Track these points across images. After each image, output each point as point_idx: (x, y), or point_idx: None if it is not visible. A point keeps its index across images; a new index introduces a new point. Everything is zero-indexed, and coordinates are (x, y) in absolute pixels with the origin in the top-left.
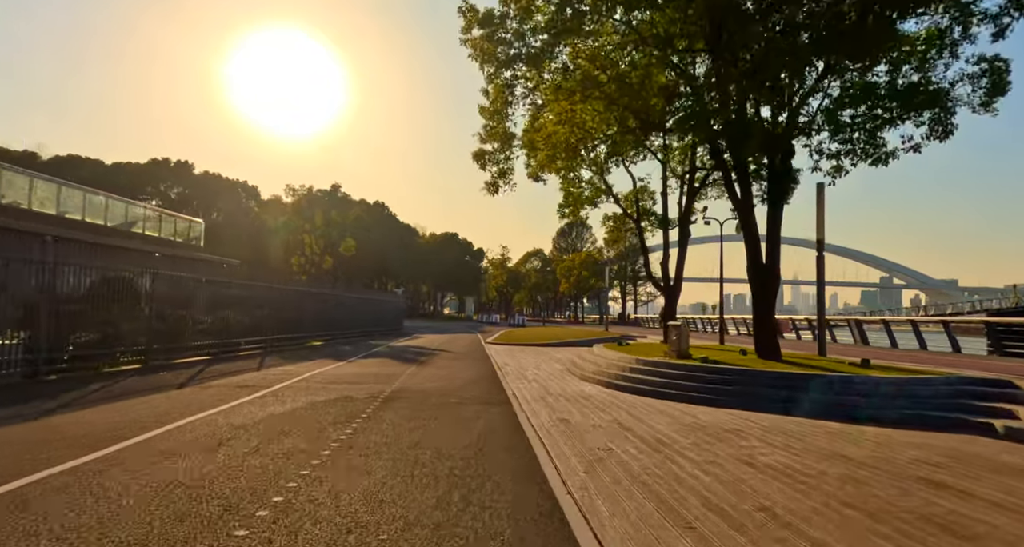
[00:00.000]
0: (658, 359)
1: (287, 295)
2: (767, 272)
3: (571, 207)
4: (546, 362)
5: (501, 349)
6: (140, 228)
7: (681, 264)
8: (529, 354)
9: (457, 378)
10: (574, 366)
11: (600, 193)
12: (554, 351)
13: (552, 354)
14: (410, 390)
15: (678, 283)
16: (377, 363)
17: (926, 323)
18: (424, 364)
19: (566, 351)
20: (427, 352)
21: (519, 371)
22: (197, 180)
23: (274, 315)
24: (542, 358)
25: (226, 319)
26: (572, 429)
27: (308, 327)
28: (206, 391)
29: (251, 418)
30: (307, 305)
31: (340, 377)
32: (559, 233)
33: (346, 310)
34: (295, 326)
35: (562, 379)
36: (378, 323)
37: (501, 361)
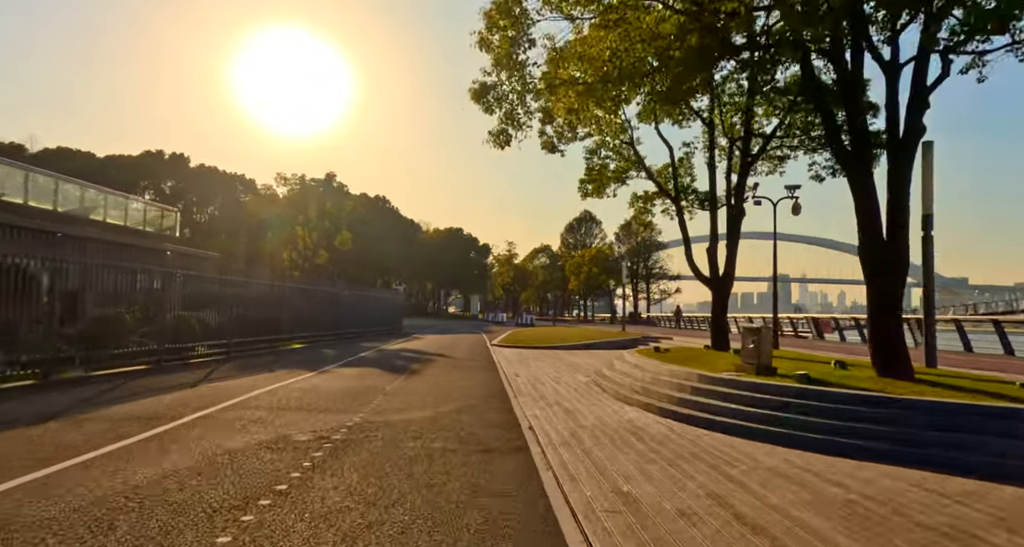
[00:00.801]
0: (730, 375)
1: (262, 291)
2: (893, 254)
3: (595, 182)
4: (566, 371)
5: (510, 353)
6: (100, 215)
7: (733, 252)
8: (543, 360)
9: (452, 398)
10: (603, 378)
11: (630, 165)
12: (571, 356)
13: (570, 360)
14: (382, 422)
15: (728, 275)
16: (356, 374)
17: (974, 322)
18: (414, 375)
19: (586, 356)
20: (422, 357)
21: (534, 385)
22: (193, 174)
23: (247, 314)
24: (560, 365)
25: (182, 319)
26: (652, 528)
27: (288, 327)
28: (76, 429)
29: (68, 501)
30: (288, 303)
31: (296, 398)
32: (567, 229)
33: (335, 308)
34: (271, 326)
35: (593, 398)
36: (373, 323)
37: (511, 370)
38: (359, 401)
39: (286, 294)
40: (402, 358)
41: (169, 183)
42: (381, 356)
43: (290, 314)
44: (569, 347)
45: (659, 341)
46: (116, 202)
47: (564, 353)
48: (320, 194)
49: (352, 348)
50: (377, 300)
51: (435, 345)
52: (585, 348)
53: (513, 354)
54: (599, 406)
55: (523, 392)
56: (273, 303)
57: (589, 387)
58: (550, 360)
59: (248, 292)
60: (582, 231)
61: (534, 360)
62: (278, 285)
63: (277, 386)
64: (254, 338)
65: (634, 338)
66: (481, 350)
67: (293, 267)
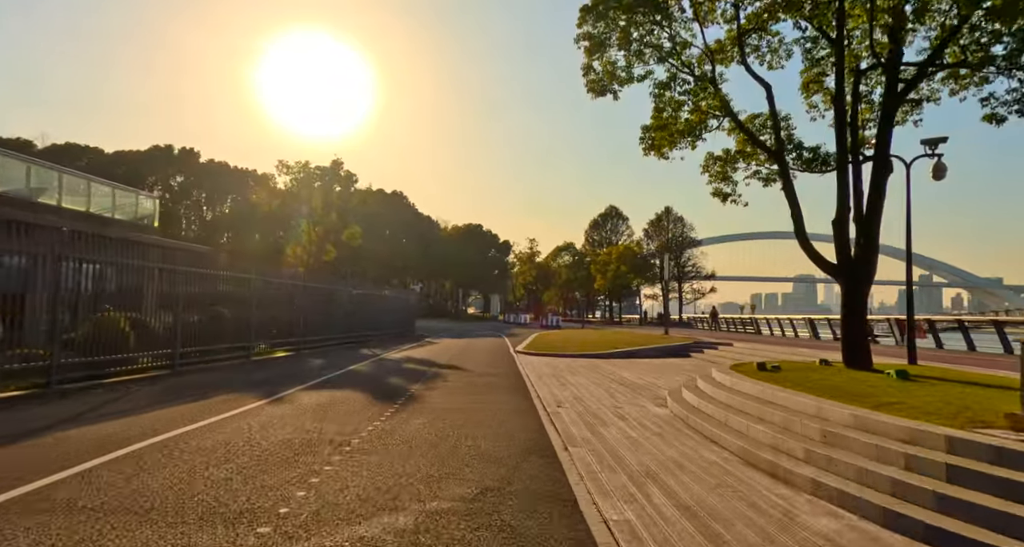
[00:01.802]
0: None
1: (237, 287)
2: None
3: (661, 132)
4: (624, 395)
5: (539, 364)
6: (55, 199)
7: (875, 224)
8: (583, 373)
9: (458, 464)
10: (693, 412)
11: (711, 111)
12: (615, 367)
13: (617, 373)
14: None
15: (867, 258)
16: (323, 404)
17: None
18: (408, 405)
19: (635, 367)
20: (428, 372)
21: (589, 425)
22: (203, 169)
23: (216, 314)
24: (610, 384)
25: (107, 323)
26: None
27: (270, 330)
28: None
29: None
30: (272, 301)
31: (192, 461)
32: (592, 225)
33: (334, 308)
34: (239, 331)
35: (706, 464)
36: (381, 325)
37: (546, 392)
38: (275, 481)
39: (273, 291)
40: (402, 373)
41: (179, 179)
42: (377, 369)
43: (274, 314)
44: (608, 355)
45: (716, 347)
46: (74, 184)
47: (605, 364)
48: (326, 184)
49: (347, 357)
50: (386, 300)
51: (448, 352)
52: (627, 356)
53: (543, 365)
54: (735, 488)
55: (577, 442)
56: (254, 301)
57: (679, 431)
58: (592, 374)
59: (219, 288)
60: (608, 227)
61: (571, 374)
62: (258, 279)
63: (188, 429)
64: (220, 345)
65: (684, 344)
66: (503, 359)
67: (298, 264)
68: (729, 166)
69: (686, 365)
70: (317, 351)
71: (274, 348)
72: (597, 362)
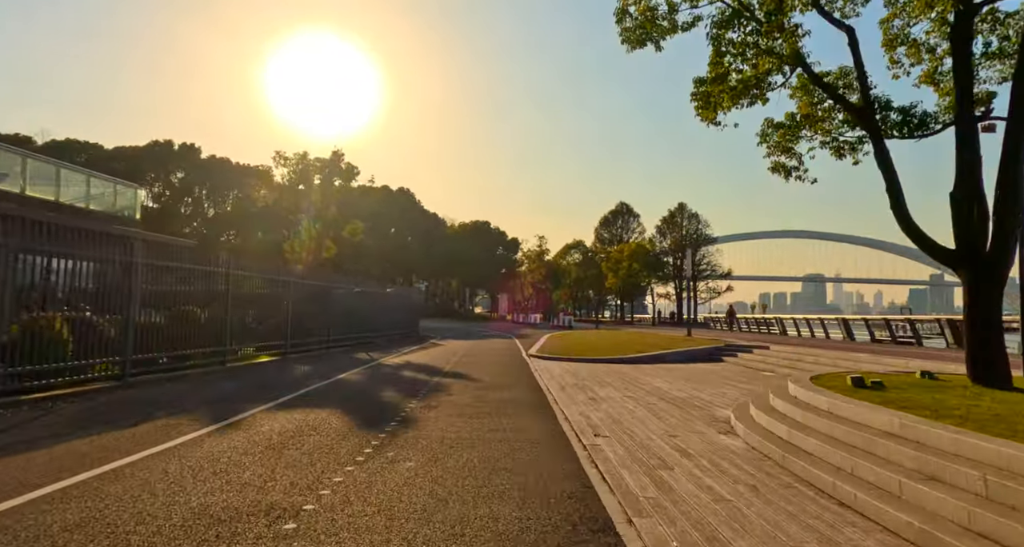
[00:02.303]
0: None
1: (211, 283)
2: None
3: (719, 84)
4: (672, 415)
5: (558, 370)
6: (18, 186)
7: (1014, 198)
8: (612, 383)
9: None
10: (800, 454)
11: (782, 62)
12: (646, 375)
13: (652, 383)
14: None
15: (1004, 244)
16: (290, 432)
17: None
18: (401, 432)
19: (668, 375)
20: (429, 382)
21: (647, 467)
22: (204, 165)
23: (184, 314)
24: (648, 399)
25: (39, 326)
26: None
27: (250, 333)
28: None
29: None
30: (249, 299)
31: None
32: (602, 223)
33: (328, 308)
34: (214, 333)
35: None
36: (382, 326)
37: (575, 412)
38: None
39: (257, 288)
40: (398, 384)
41: (179, 175)
42: (369, 379)
43: (260, 314)
44: (633, 360)
45: (751, 350)
46: (42, 171)
47: (632, 370)
48: (325, 177)
49: (339, 363)
50: (388, 298)
51: (454, 356)
52: (654, 361)
53: (563, 372)
54: None
55: (641, 505)
56: (229, 299)
57: (783, 484)
58: (623, 384)
59: (195, 286)
60: (618, 224)
61: (599, 385)
62: (235, 274)
63: None
64: (188, 350)
65: (714, 347)
66: (516, 365)
67: (297, 261)
68: (792, 134)
69: (724, 372)
70: (308, 356)
71: (260, 352)
72: (622, 368)
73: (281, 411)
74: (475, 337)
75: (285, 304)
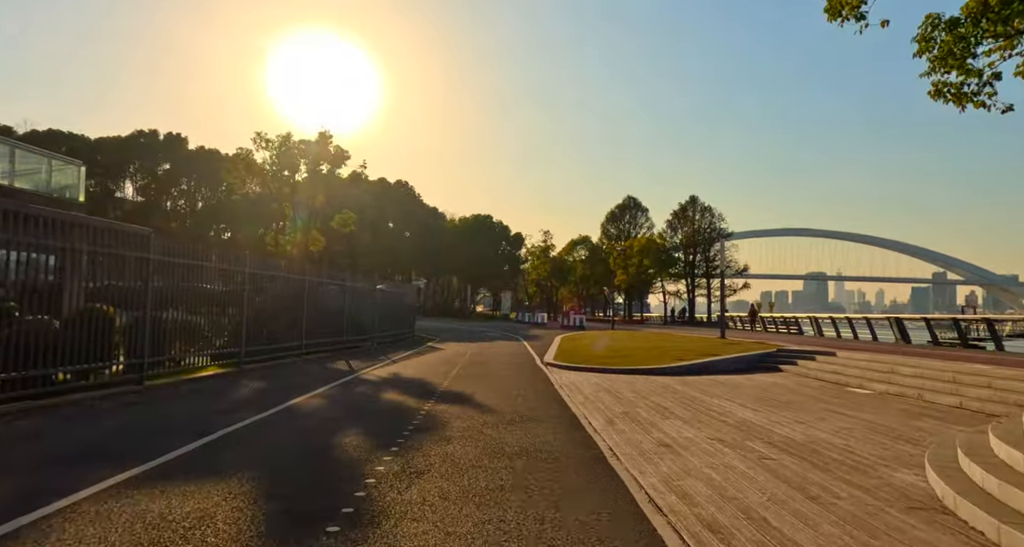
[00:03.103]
0: None
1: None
2: None
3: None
4: (829, 487)
5: (589, 387)
6: None
7: None
8: (680, 413)
9: None
10: None
11: None
12: (715, 398)
13: (741, 416)
14: None
15: None
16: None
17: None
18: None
19: (742, 397)
20: (417, 412)
21: None
22: (191, 156)
23: (83, 315)
24: (753, 443)
25: None
26: None
27: (190, 338)
28: None
29: None
30: (186, 295)
31: None
32: (608, 218)
33: (302, 307)
34: (129, 341)
35: None
36: (370, 327)
37: (658, 482)
38: None
39: (205, 281)
40: (371, 418)
41: (165, 166)
42: (332, 406)
43: (210, 314)
44: (676, 370)
45: (812, 357)
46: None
47: (682, 386)
48: (312, 161)
49: (305, 377)
50: (380, 296)
51: (454, 365)
52: (702, 371)
53: (598, 390)
54: None
55: None
56: (150, 295)
57: None
58: (691, 414)
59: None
60: (626, 219)
61: (659, 414)
62: (163, 261)
63: None
64: (79, 366)
65: (765, 353)
66: (533, 379)
67: (280, 255)
68: (973, 37)
69: (801, 389)
70: (269, 366)
71: (213, 363)
72: (670, 383)
73: (146, 485)
74: (478, 339)
75: (247, 302)
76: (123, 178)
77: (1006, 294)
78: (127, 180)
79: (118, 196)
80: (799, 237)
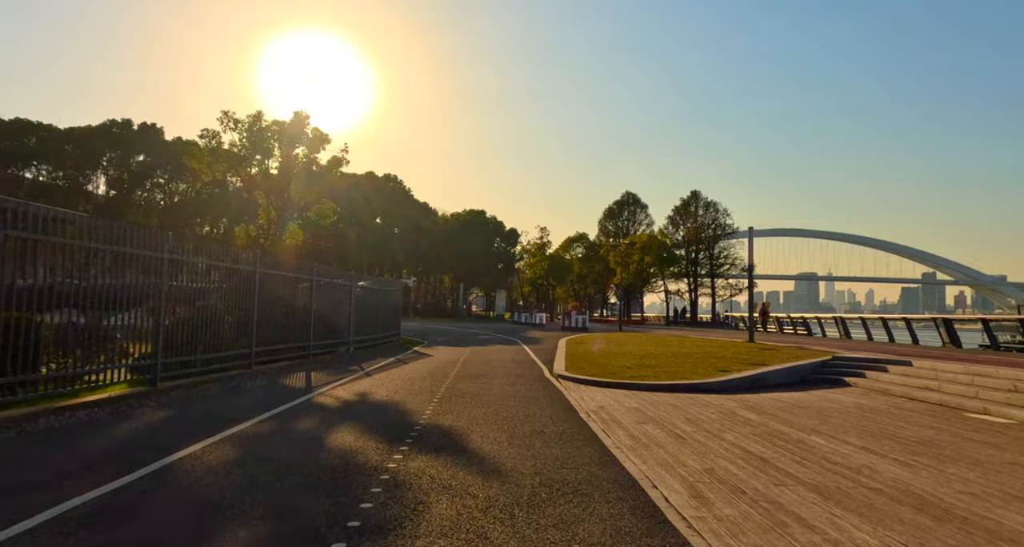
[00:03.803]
0: None
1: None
2: None
3: None
4: None
5: (630, 415)
6: None
7: None
8: (828, 492)
9: None
10: None
11: None
12: (840, 442)
13: (893, 475)
14: None
15: None
16: None
17: None
18: None
19: (872, 435)
20: (371, 476)
21: None
22: (167, 148)
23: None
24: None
25: None
26: None
27: (71, 346)
28: None
29: None
30: (68, 289)
31: None
32: (606, 215)
33: (253, 305)
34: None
35: None
36: (340, 331)
37: None
38: None
39: (109, 269)
40: (286, 497)
41: (139, 158)
42: (235, 465)
43: (116, 313)
44: (723, 386)
45: (884, 368)
46: None
47: (760, 415)
48: (287, 145)
49: (235, 400)
50: (354, 292)
51: (441, 380)
52: (755, 387)
53: (640, 418)
54: None
55: None
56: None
57: None
58: (807, 467)
59: None
60: (624, 216)
61: (757, 467)
62: (26, 238)
63: None
64: None
65: (818, 361)
66: (545, 400)
67: (252, 247)
68: None
69: (908, 414)
70: (198, 382)
71: (122, 380)
72: (730, 406)
73: None
74: (472, 342)
75: (169, 298)
76: (95, 170)
77: (994, 294)
78: (99, 172)
79: (88, 189)
80: (789, 237)
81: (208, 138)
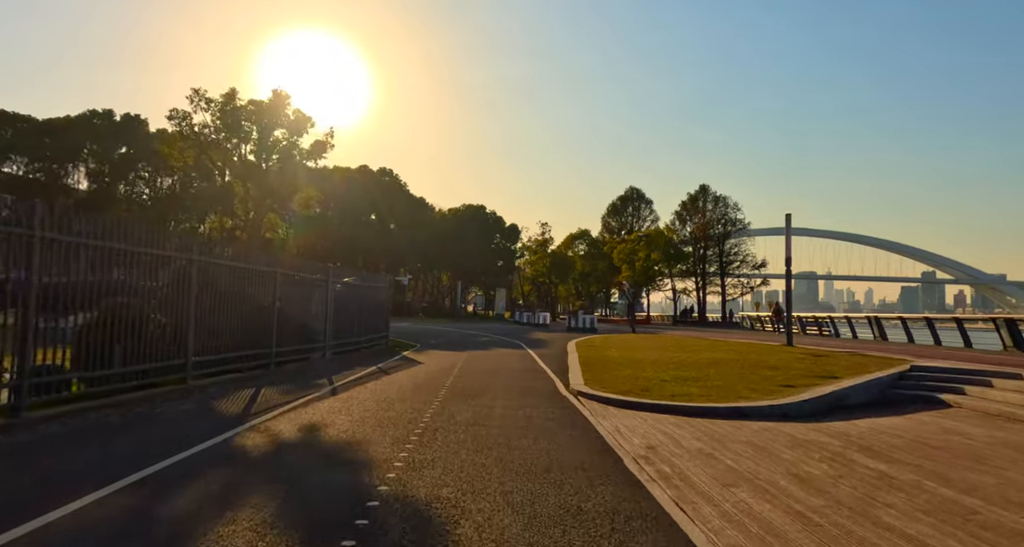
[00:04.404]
0: None
1: None
2: None
3: None
4: None
5: (708, 476)
6: None
7: None
8: None
9: None
10: None
11: None
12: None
13: None
14: None
15: None
16: None
17: None
18: None
19: None
20: None
21: None
22: (152, 140)
23: None
24: None
25: None
26: None
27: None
28: None
29: None
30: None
31: None
32: (610, 211)
33: (207, 303)
34: None
35: None
36: (316, 334)
37: None
38: None
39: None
40: None
41: (122, 150)
42: None
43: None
44: (802, 410)
45: (988, 383)
46: None
47: (889, 466)
48: (268, 126)
49: (143, 435)
50: (331, 288)
51: (429, 400)
52: (832, 410)
53: (718, 471)
54: None
55: None
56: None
57: None
58: None
59: None
60: (628, 212)
61: None
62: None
63: None
64: None
65: (899, 371)
66: (569, 437)
67: (229, 240)
68: None
69: None
70: (85, 410)
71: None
72: (834, 446)
73: None
74: (470, 346)
75: (85, 294)
76: (75, 163)
77: (994, 293)
78: (80, 165)
79: (68, 182)
80: (780, 237)
81: (178, 120)
